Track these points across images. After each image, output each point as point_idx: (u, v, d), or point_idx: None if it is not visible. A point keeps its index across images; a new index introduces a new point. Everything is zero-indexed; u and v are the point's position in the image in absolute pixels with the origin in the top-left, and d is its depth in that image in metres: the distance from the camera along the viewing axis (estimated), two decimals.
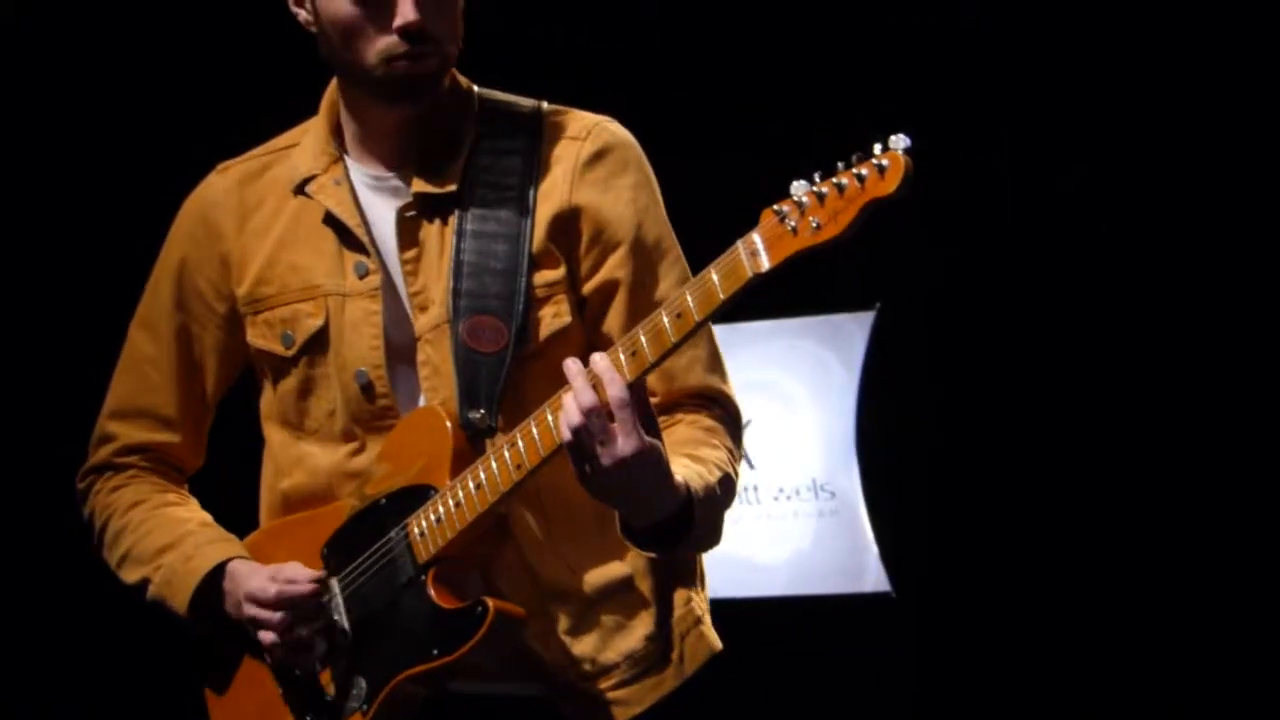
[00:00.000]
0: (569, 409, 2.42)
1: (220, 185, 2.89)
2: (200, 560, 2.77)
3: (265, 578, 2.69)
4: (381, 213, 2.74)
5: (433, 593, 2.60)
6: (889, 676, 5.23)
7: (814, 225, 2.29)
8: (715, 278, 2.37)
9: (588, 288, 2.70)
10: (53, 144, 5.44)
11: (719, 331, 5.60)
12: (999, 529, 5.18)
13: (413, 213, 2.71)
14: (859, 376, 5.46)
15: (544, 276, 2.67)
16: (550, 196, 2.68)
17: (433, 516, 2.61)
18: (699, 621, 2.74)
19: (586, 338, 2.69)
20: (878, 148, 2.30)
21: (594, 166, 2.70)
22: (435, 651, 2.59)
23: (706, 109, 5.37)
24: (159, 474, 2.92)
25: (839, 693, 5.27)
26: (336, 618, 2.68)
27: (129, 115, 5.44)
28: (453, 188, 2.70)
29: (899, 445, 5.38)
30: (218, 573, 2.76)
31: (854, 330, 5.53)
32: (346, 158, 2.77)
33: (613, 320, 2.69)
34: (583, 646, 2.68)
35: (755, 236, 2.33)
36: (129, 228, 5.49)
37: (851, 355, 5.50)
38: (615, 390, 2.41)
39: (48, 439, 5.21)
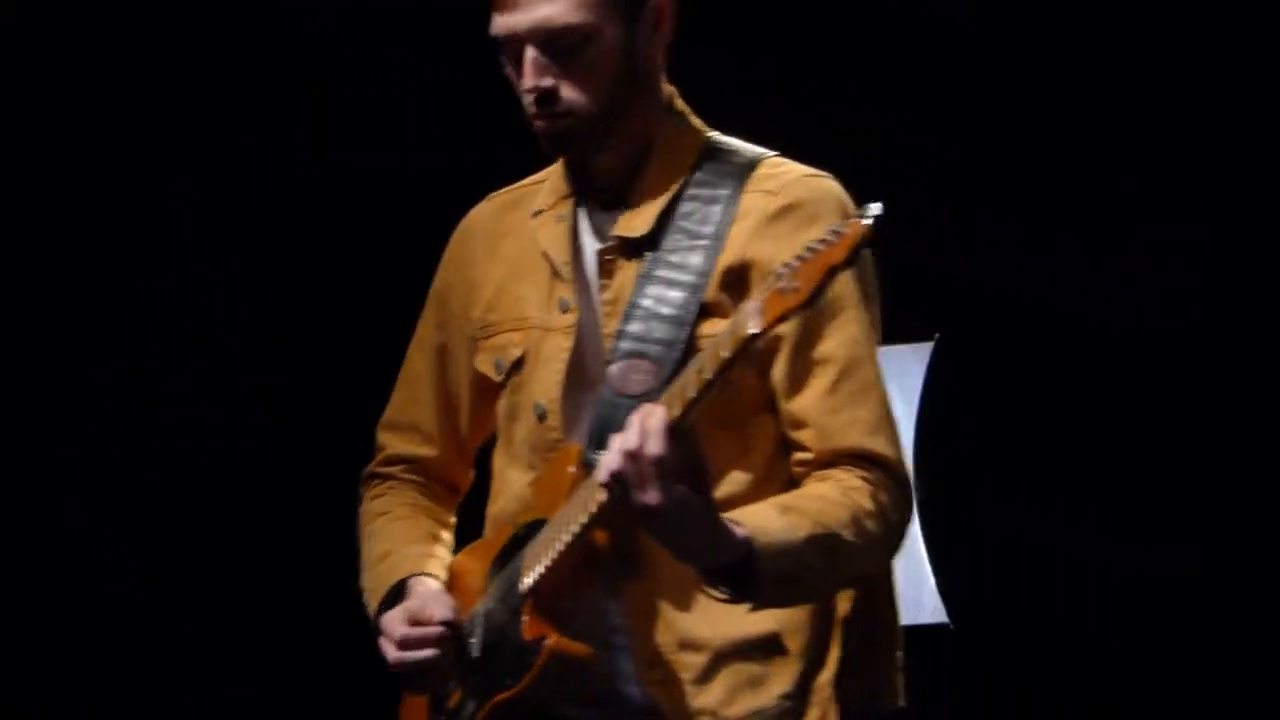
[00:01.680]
0: (612, 452, 2.51)
1: (481, 213, 3.00)
2: (394, 574, 2.89)
3: (402, 613, 2.79)
4: (593, 252, 2.84)
5: (525, 622, 2.70)
6: (946, 710, 5.38)
7: (793, 288, 2.38)
8: (725, 336, 2.46)
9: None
10: (53, 144, 5.28)
11: None
12: (1058, 561, 5.29)
13: (611, 256, 2.80)
14: (916, 408, 5.31)
15: (711, 326, 2.70)
16: (732, 247, 2.73)
17: (536, 548, 2.72)
18: (846, 690, 2.76)
19: (764, 392, 2.74)
20: (852, 213, 2.53)
21: (779, 220, 2.74)
22: (508, 682, 2.71)
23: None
24: (419, 487, 3.03)
25: None
26: (473, 639, 2.78)
27: (129, 116, 5.31)
28: (644, 232, 2.77)
29: (957, 477, 5.33)
30: (405, 586, 2.87)
31: (912, 361, 5.36)
32: (584, 193, 2.85)
33: (777, 375, 2.74)
34: (706, 698, 2.71)
35: (756, 298, 2.42)
36: (129, 228, 5.37)
37: (909, 386, 5.35)
38: (651, 445, 2.47)
39: (47, 440, 5.34)
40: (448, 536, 2.99)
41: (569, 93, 2.71)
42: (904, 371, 5.32)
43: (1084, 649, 5.24)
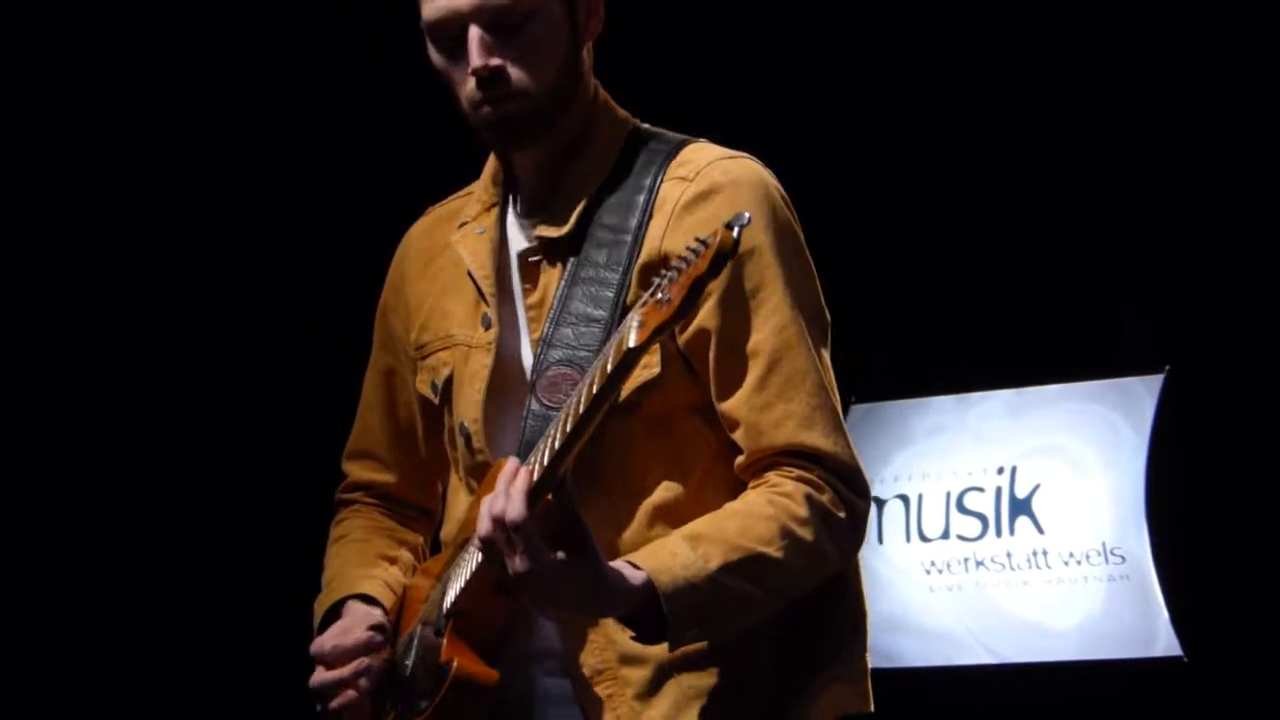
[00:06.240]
0: (483, 517, 2.38)
1: (417, 230, 2.88)
2: (330, 598, 2.80)
3: (328, 636, 2.70)
4: (517, 258, 2.71)
5: (444, 644, 2.60)
6: None
7: (666, 300, 2.24)
8: (607, 351, 2.30)
9: (682, 339, 2.57)
10: (53, 144, 5.34)
11: (1006, 395, 5.58)
12: None
13: (536, 257, 2.66)
14: (1149, 439, 5.38)
15: None
16: (649, 242, 2.58)
17: (458, 569, 2.61)
18: (802, 695, 2.62)
19: (699, 391, 2.59)
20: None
21: (693, 209, 2.58)
22: (423, 705, 2.59)
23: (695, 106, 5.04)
24: (383, 509, 2.94)
25: None
26: (407, 661, 2.67)
27: (129, 116, 5.35)
28: (565, 230, 2.62)
29: (1190, 508, 5.36)
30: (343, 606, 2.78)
31: (1143, 393, 5.43)
32: (512, 201, 2.73)
33: (709, 372, 2.58)
34: (653, 712, 2.57)
35: (638, 312, 2.28)
36: (129, 229, 5.45)
37: (1141, 418, 5.42)
38: (512, 511, 2.35)
39: (48, 440, 5.39)
40: (407, 556, 2.89)
41: (517, 73, 2.58)
42: (1135, 403, 5.43)
43: None
